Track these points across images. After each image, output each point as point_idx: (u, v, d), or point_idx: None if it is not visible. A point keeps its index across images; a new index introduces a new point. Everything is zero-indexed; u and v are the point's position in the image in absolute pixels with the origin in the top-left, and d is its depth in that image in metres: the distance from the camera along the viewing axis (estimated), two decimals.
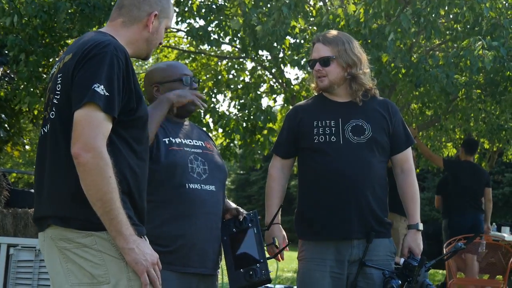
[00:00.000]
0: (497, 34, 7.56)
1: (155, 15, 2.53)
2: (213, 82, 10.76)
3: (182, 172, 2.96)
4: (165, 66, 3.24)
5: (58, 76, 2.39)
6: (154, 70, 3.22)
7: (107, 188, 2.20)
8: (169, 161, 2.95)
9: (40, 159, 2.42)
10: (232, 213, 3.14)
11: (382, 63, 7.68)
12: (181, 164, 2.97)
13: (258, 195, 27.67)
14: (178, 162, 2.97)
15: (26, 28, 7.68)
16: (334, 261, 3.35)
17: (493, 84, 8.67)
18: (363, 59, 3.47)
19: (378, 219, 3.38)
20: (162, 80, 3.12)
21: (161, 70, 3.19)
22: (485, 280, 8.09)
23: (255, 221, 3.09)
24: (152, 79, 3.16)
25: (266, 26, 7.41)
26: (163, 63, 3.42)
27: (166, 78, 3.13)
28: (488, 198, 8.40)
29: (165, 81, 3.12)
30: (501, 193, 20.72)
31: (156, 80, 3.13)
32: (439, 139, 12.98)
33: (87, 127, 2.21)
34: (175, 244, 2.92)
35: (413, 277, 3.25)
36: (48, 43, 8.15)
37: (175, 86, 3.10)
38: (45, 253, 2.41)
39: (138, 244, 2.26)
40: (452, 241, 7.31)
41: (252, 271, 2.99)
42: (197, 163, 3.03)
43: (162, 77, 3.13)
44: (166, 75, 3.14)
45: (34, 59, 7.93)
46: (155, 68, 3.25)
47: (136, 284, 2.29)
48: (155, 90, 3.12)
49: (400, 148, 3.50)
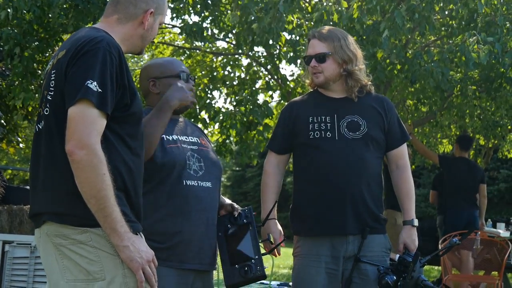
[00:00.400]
0: (491, 31, 7.57)
1: (151, 12, 2.53)
2: (208, 79, 10.76)
3: (180, 169, 2.96)
4: (162, 62, 3.23)
5: (52, 72, 2.38)
6: (151, 65, 3.21)
7: (101, 185, 2.20)
8: (167, 158, 2.95)
9: (35, 156, 2.42)
10: (227, 209, 3.15)
11: (377, 59, 7.69)
12: (179, 161, 2.97)
13: (253, 192, 27.68)
14: (177, 159, 2.96)
15: (21, 22, 7.65)
16: (330, 257, 3.35)
17: (488, 80, 8.69)
18: (358, 55, 3.47)
19: (373, 215, 3.39)
20: (160, 75, 3.12)
21: (159, 65, 3.19)
22: (480, 276, 8.10)
23: (250, 217, 3.10)
24: (148, 74, 3.15)
25: (262, 23, 7.40)
26: (160, 59, 3.41)
27: (163, 73, 3.12)
28: (483, 194, 8.43)
29: (162, 76, 3.11)
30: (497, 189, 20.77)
31: (153, 75, 3.13)
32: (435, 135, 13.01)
33: (81, 124, 2.21)
34: (172, 241, 2.92)
35: (408, 273, 3.26)
36: (42, 38, 8.13)
37: (172, 81, 3.09)
38: (40, 249, 2.41)
39: (133, 241, 2.26)
40: (447, 237, 7.33)
41: (247, 267, 3.00)
42: (193, 160, 3.03)
43: (160, 72, 3.13)
44: (164, 70, 3.13)
45: (29, 53, 7.91)
46: (152, 63, 3.24)
47: (131, 281, 2.29)
48: (152, 84, 3.11)
49: (395, 144, 3.51)
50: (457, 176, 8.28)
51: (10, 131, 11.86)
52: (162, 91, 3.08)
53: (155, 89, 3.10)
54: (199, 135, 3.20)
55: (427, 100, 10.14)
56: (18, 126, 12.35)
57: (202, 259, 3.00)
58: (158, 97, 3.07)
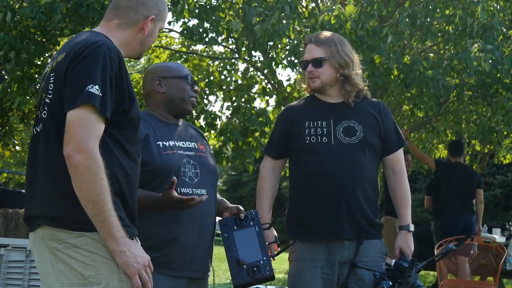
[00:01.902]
0: (487, 35, 7.60)
1: (151, 19, 2.53)
2: (205, 83, 10.76)
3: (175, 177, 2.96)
4: (170, 64, 3.29)
5: (50, 75, 2.38)
6: (158, 66, 3.25)
7: (99, 190, 2.19)
8: (163, 165, 2.95)
9: (32, 159, 2.41)
10: (232, 211, 3.13)
11: (375, 65, 7.70)
12: (174, 168, 2.97)
13: (249, 196, 27.63)
14: (172, 166, 2.96)
15: (18, 26, 7.64)
16: (325, 262, 3.35)
17: (484, 86, 8.70)
18: (355, 60, 3.48)
19: (369, 220, 3.39)
20: (167, 75, 3.13)
21: (166, 66, 3.23)
22: (476, 281, 8.10)
23: (256, 219, 3.10)
24: (154, 73, 3.16)
25: (265, 25, 7.40)
26: (170, 62, 3.49)
27: (170, 73, 3.14)
28: (480, 199, 8.43)
29: (169, 76, 3.12)
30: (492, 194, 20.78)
31: (159, 74, 3.14)
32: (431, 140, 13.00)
33: (80, 128, 2.21)
34: (166, 247, 2.92)
35: (404, 278, 3.26)
36: (39, 42, 8.11)
37: (178, 82, 3.12)
38: (35, 253, 2.40)
39: (129, 246, 2.26)
40: (443, 242, 7.33)
41: (256, 267, 3.00)
42: (189, 167, 3.03)
43: (167, 72, 3.15)
44: (171, 71, 3.15)
45: (25, 57, 7.89)
46: (159, 64, 3.29)
47: (127, 286, 2.28)
48: (157, 83, 3.12)
49: (391, 149, 3.51)
50: (453, 181, 8.28)
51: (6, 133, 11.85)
52: (167, 91, 3.10)
53: (160, 88, 3.11)
54: (197, 140, 3.19)
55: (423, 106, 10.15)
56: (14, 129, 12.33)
57: (195, 266, 3.00)
58: (162, 96, 3.10)
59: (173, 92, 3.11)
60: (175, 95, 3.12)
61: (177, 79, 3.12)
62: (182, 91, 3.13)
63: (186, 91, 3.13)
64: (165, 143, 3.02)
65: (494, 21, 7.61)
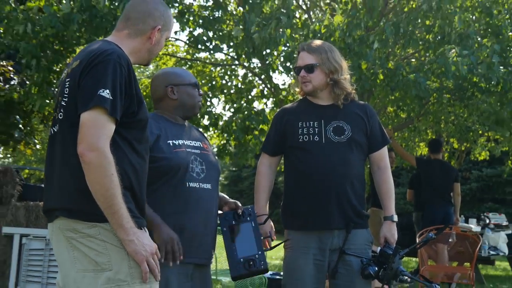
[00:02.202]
0: (463, 44, 7.60)
1: (158, 29, 2.53)
2: (208, 87, 10.75)
3: (184, 172, 2.96)
4: (179, 71, 3.25)
5: (66, 80, 2.38)
6: (169, 73, 3.20)
7: (110, 185, 2.19)
8: (173, 162, 2.95)
9: (49, 157, 2.41)
10: (231, 206, 3.14)
11: (362, 70, 7.70)
12: (184, 165, 2.97)
13: (249, 190, 27.63)
14: (182, 162, 2.96)
15: (38, 36, 7.65)
16: (317, 249, 3.36)
17: (461, 89, 8.71)
18: (343, 66, 3.48)
19: (357, 211, 3.39)
20: (179, 83, 3.13)
21: (177, 74, 3.19)
22: (454, 267, 8.12)
23: (253, 215, 3.10)
24: (166, 81, 3.14)
25: (263, 33, 7.39)
26: (175, 68, 3.44)
27: (182, 81, 3.14)
28: (457, 192, 8.44)
29: (181, 84, 3.13)
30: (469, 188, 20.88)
31: (172, 82, 3.13)
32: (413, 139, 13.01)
33: (92, 128, 2.21)
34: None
35: (388, 264, 3.26)
36: (58, 50, 8.12)
37: (189, 89, 3.13)
38: (53, 242, 2.40)
39: (138, 236, 2.26)
40: (424, 231, 7.34)
41: (251, 261, 3.00)
42: (196, 163, 3.03)
43: (178, 79, 3.14)
44: (182, 79, 3.15)
45: (44, 64, 7.89)
46: (169, 71, 3.23)
47: (136, 272, 2.28)
48: (170, 91, 3.12)
49: (376, 147, 3.51)
50: (433, 176, 8.29)
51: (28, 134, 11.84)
52: (179, 98, 3.11)
53: (172, 95, 3.11)
54: (202, 139, 3.20)
55: (406, 107, 10.15)
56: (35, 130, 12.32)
57: (201, 253, 3.01)
58: (175, 102, 3.11)
59: (185, 99, 3.13)
60: (187, 102, 3.13)
61: (187, 86, 3.14)
62: (192, 97, 3.15)
63: (196, 97, 3.15)
64: (175, 141, 3.03)
65: (470, 31, 7.62)
